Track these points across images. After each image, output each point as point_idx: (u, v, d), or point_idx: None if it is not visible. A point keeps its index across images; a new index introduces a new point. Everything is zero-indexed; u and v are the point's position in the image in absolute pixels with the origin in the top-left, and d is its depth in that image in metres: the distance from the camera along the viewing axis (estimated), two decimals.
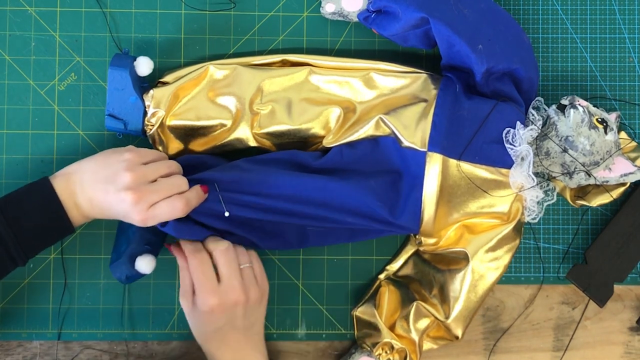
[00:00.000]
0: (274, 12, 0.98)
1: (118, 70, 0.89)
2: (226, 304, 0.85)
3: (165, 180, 0.85)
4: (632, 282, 0.98)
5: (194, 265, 0.86)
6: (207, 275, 0.85)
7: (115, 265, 0.88)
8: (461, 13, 0.89)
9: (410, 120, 0.89)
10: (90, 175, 0.84)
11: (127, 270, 0.88)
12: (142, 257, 0.88)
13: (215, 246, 0.87)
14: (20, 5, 0.96)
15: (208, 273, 0.86)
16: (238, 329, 0.87)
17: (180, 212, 0.85)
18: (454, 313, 0.91)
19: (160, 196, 0.84)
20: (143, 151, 0.87)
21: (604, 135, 0.90)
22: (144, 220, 0.83)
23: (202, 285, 0.85)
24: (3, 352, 0.95)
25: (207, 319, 0.86)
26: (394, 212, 0.89)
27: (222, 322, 0.86)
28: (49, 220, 0.83)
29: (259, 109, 0.91)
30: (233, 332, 0.87)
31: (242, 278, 0.86)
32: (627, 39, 1.00)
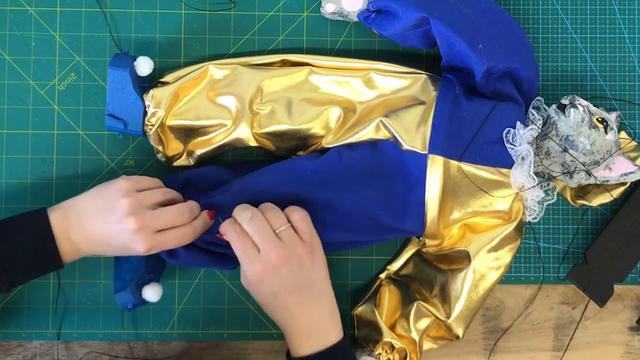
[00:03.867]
0: (274, 12, 0.98)
1: (118, 70, 0.89)
2: (269, 268, 0.83)
3: (170, 207, 0.85)
4: (632, 282, 0.98)
5: (232, 240, 0.84)
6: (245, 245, 0.84)
7: (122, 294, 0.89)
8: (461, 13, 0.89)
9: (411, 123, 0.89)
10: (86, 209, 0.84)
11: (134, 299, 0.89)
12: (150, 286, 0.90)
13: (241, 218, 0.85)
14: (20, 5, 0.96)
15: (246, 243, 0.84)
16: (293, 291, 0.84)
17: (188, 240, 0.85)
18: (455, 313, 0.91)
19: (163, 223, 0.84)
20: (136, 178, 0.86)
21: (604, 134, 0.90)
22: (150, 248, 0.83)
23: (242, 257, 0.84)
24: (3, 352, 0.95)
25: (261, 288, 0.84)
26: (398, 217, 0.90)
27: (275, 287, 0.84)
28: (40, 255, 0.82)
29: (259, 108, 0.91)
30: (290, 295, 0.84)
31: (282, 239, 0.84)
32: (627, 39, 1.00)
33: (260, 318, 0.97)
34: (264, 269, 0.83)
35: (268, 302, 0.85)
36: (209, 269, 0.94)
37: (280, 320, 0.86)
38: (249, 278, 0.84)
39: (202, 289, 0.96)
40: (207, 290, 0.96)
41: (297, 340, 0.85)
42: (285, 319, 0.85)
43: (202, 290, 0.96)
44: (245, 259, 0.83)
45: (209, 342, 0.97)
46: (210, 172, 0.92)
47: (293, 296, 0.84)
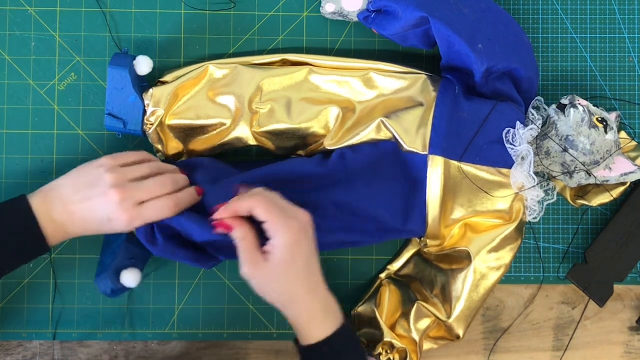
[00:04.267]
0: (274, 12, 0.98)
1: (118, 69, 0.89)
2: (303, 227, 0.81)
3: (152, 179, 0.84)
4: (632, 282, 0.98)
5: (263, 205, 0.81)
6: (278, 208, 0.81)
7: (101, 278, 0.88)
8: (461, 13, 0.89)
9: (411, 125, 0.89)
10: (69, 188, 0.83)
11: (112, 284, 0.88)
12: (128, 271, 0.88)
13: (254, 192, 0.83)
14: (20, 5, 0.96)
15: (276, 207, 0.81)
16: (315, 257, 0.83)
17: (170, 212, 0.84)
18: (455, 313, 0.91)
19: (147, 194, 0.83)
20: (119, 154, 0.86)
21: (604, 134, 0.90)
22: (131, 219, 0.83)
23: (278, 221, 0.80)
24: (3, 352, 0.95)
25: (296, 256, 0.81)
26: (400, 217, 0.90)
27: (308, 250, 0.82)
28: (24, 239, 0.82)
29: (258, 108, 0.91)
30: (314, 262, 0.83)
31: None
32: (627, 39, 1.00)
33: (260, 318, 0.97)
34: (301, 227, 0.81)
35: (296, 276, 0.82)
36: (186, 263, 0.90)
37: (303, 298, 0.83)
38: (285, 242, 0.80)
39: (202, 289, 0.96)
40: (207, 290, 0.96)
41: (315, 323, 0.83)
42: (308, 295, 0.83)
43: (202, 290, 0.96)
44: (281, 221, 0.80)
45: (209, 342, 0.97)
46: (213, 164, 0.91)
47: (316, 264, 0.83)
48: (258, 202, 0.81)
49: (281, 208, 0.82)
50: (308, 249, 0.82)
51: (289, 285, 0.82)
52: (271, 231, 0.81)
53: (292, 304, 0.83)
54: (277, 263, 0.81)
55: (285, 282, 0.82)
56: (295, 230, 0.81)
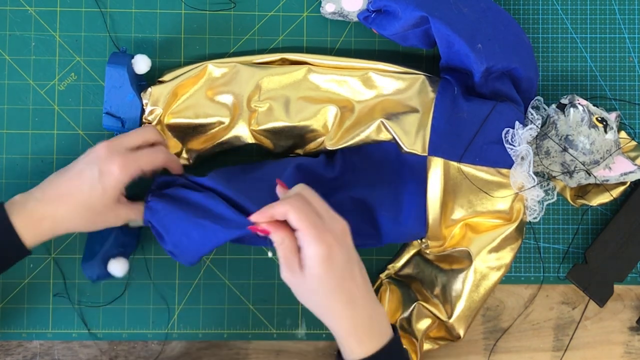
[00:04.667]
0: (274, 12, 0.98)
1: (116, 68, 0.90)
2: (338, 237, 0.78)
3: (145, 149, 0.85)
4: (632, 282, 0.98)
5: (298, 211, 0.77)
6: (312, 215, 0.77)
7: (88, 264, 0.89)
8: (461, 12, 0.89)
9: (411, 126, 0.90)
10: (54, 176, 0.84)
11: (99, 271, 0.88)
12: (116, 260, 0.89)
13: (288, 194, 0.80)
14: (20, 5, 0.96)
15: (312, 214, 0.78)
16: (356, 264, 0.80)
17: (163, 158, 0.85)
18: (456, 313, 0.91)
19: (134, 139, 0.84)
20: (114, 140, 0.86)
21: (603, 134, 0.90)
22: (123, 163, 0.82)
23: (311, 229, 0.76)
24: (3, 352, 0.95)
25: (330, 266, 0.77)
26: (401, 219, 0.90)
27: (344, 260, 0.78)
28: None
29: (257, 106, 0.91)
30: (355, 272, 0.79)
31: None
32: (627, 39, 1.00)
33: (260, 318, 0.97)
34: (334, 239, 0.77)
35: (331, 290, 0.78)
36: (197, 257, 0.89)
37: (340, 313, 0.79)
38: (316, 255, 0.76)
39: (202, 289, 0.96)
40: (207, 290, 0.96)
41: (355, 339, 0.79)
42: (345, 309, 0.79)
43: (202, 290, 0.96)
44: (313, 232, 0.76)
45: (209, 342, 0.97)
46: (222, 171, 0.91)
47: (357, 275, 0.79)
48: (292, 207, 0.77)
49: (315, 216, 0.78)
50: (343, 262, 0.78)
51: (323, 298, 0.78)
52: (303, 242, 0.77)
53: (328, 317, 0.80)
54: (310, 276, 0.77)
55: (319, 294, 0.78)
56: (328, 243, 0.77)
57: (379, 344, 0.79)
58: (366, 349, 0.79)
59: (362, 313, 0.79)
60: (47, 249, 0.95)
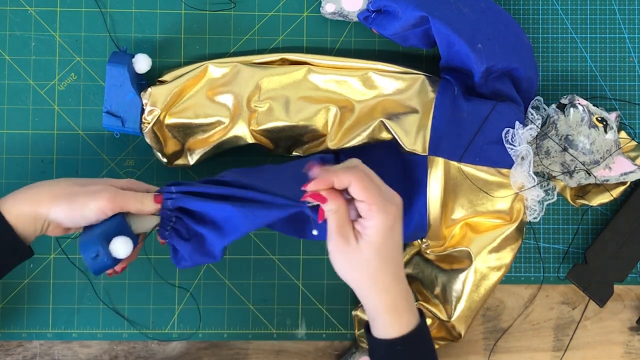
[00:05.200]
0: (274, 12, 0.98)
1: (116, 66, 0.90)
2: (399, 211, 0.78)
3: None
4: (632, 282, 0.98)
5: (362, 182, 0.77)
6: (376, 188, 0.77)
7: (87, 240, 0.80)
8: (461, 12, 0.89)
9: (411, 126, 0.90)
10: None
11: (99, 248, 0.79)
12: (120, 239, 0.80)
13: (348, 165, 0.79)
14: (20, 5, 0.96)
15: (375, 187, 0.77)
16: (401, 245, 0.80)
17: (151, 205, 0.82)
18: (456, 313, 0.91)
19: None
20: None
21: (603, 134, 0.91)
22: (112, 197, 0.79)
23: (376, 201, 0.76)
24: (3, 352, 0.95)
25: (387, 241, 0.77)
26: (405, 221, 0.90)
27: (398, 236, 0.79)
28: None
29: (257, 106, 0.91)
30: (400, 251, 0.79)
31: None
32: (627, 39, 1.00)
33: (260, 318, 0.97)
34: (397, 212, 0.78)
35: (384, 261, 0.78)
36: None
37: (386, 286, 0.79)
38: (380, 225, 0.76)
39: (202, 289, 0.96)
40: (207, 290, 0.96)
41: (394, 315, 0.79)
42: (391, 283, 0.79)
43: (202, 290, 0.96)
44: (379, 202, 0.76)
45: (209, 342, 0.97)
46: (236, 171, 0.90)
47: (401, 252, 0.79)
48: (356, 177, 0.77)
49: (379, 188, 0.78)
50: (399, 236, 0.79)
51: (375, 270, 0.78)
52: (366, 212, 0.77)
53: (376, 290, 0.79)
54: (368, 245, 0.77)
55: (372, 266, 0.78)
56: (392, 214, 0.77)
57: (414, 321, 0.80)
58: (405, 326, 0.79)
59: (403, 287, 0.80)
60: (47, 249, 0.95)
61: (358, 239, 0.78)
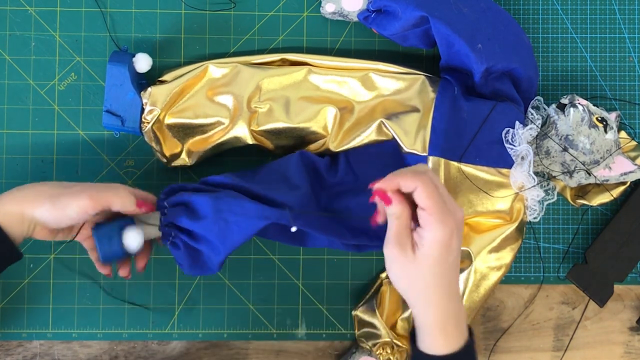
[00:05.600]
0: (274, 12, 0.98)
1: (117, 65, 0.90)
2: (459, 224, 0.76)
3: None
4: (632, 282, 0.98)
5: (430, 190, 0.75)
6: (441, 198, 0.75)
7: (104, 227, 0.83)
8: (461, 12, 0.89)
9: (411, 126, 0.90)
10: None
11: (114, 235, 0.83)
12: (133, 230, 0.83)
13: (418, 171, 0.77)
14: (20, 5, 0.96)
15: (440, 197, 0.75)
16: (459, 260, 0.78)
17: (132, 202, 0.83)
18: None
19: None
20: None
21: (603, 134, 0.91)
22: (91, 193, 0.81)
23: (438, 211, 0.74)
24: (3, 352, 0.95)
25: (444, 254, 0.75)
26: None
27: (457, 250, 0.76)
28: None
29: (257, 107, 0.91)
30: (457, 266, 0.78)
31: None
32: (627, 39, 1.00)
33: (260, 318, 0.97)
34: (456, 226, 0.75)
35: (438, 277, 0.76)
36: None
37: (438, 302, 0.77)
38: (437, 238, 0.75)
39: (202, 289, 0.96)
40: (207, 290, 0.96)
41: (443, 333, 0.77)
42: (443, 299, 0.77)
43: (202, 290, 0.96)
44: (440, 213, 0.74)
45: (209, 342, 0.97)
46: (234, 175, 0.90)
47: (457, 269, 0.78)
48: (423, 183, 0.75)
49: (443, 198, 0.75)
50: (457, 251, 0.77)
51: (427, 285, 0.76)
52: (426, 221, 0.75)
53: (425, 305, 0.77)
54: (424, 258, 0.75)
55: (425, 280, 0.76)
56: (451, 228, 0.75)
57: (461, 341, 0.78)
58: (451, 345, 0.77)
59: (455, 306, 0.78)
60: (47, 249, 0.95)
61: (415, 250, 0.76)
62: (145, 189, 0.93)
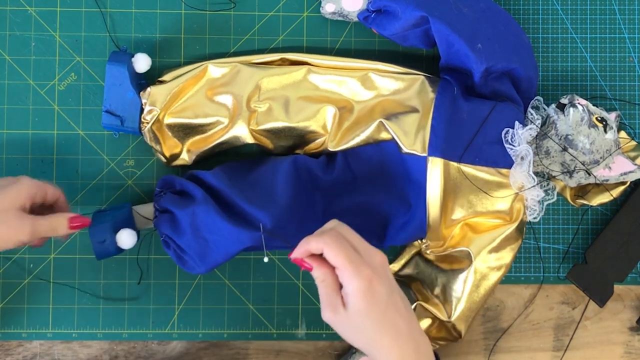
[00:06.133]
0: (274, 12, 0.98)
1: (116, 65, 0.90)
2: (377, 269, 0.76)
3: None
4: (632, 282, 0.98)
5: (335, 248, 0.75)
6: (349, 250, 0.75)
7: (98, 226, 0.87)
8: (460, 12, 0.89)
9: (410, 127, 0.90)
10: None
11: (107, 235, 0.87)
12: (126, 231, 0.87)
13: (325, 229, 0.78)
14: (20, 5, 0.96)
15: (348, 248, 0.76)
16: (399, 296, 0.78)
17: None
18: (456, 313, 0.91)
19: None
20: None
21: (603, 133, 0.91)
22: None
23: (348, 265, 0.75)
24: (3, 352, 0.95)
25: (372, 299, 0.75)
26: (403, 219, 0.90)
27: (386, 290, 0.76)
28: None
29: (256, 106, 0.91)
30: (398, 300, 0.77)
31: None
32: (627, 39, 1.00)
33: (260, 318, 0.97)
34: (373, 272, 0.75)
35: (376, 324, 0.76)
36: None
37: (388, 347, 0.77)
38: (357, 291, 0.75)
39: (202, 289, 0.96)
40: (207, 290, 0.96)
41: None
42: (392, 343, 0.77)
43: (202, 290, 0.96)
44: (351, 267, 0.75)
45: (209, 342, 0.97)
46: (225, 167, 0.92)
47: (400, 306, 0.77)
48: (327, 244, 0.76)
49: (352, 251, 0.76)
50: (385, 295, 0.76)
51: (369, 334, 0.76)
52: (342, 278, 0.76)
53: (376, 353, 0.77)
54: (354, 312, 0.75)
55: (366, 331, 0.76)
56: (367, 277, 0.75)
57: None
58: None
59: (408, 345, 0.77)
60: (47, 249, 0.95)
61: (346, 307, 0.76)
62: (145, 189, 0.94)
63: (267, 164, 0.91)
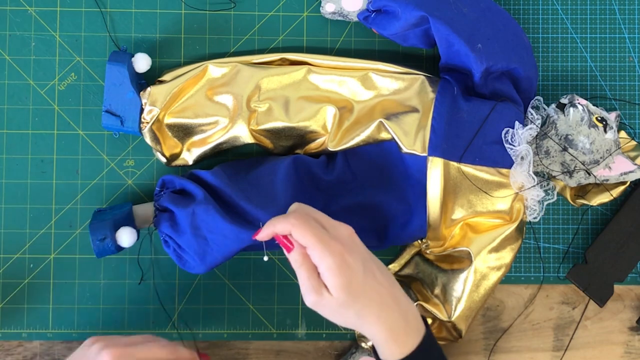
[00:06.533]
0: (274, 12, 0.98)
1: (116, 65, 0.90)
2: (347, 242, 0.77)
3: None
4: (632, 282, 0.98)
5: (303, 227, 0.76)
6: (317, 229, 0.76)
7: (98, 224, 0.88)
8: (460, 12, 0.89)
9: (410, 127, 0.90)
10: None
11: (107, 232, 0.87)
12: (126, 229, 0.88)
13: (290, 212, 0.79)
14: (20, 5, 0.96)
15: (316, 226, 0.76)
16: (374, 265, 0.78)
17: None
18: (456, 313, 0.91)
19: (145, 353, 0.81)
20: (119, 337, 0.83)
21: (603, 133, 0.91)
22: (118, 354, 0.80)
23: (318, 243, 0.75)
24: (3, 352, 0.95)
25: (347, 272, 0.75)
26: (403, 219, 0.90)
27: (360, 261, 0.76)
28: None
29: (256, 106, 0.91)
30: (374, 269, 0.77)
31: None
32: (627, 39, 1.00)
33: (260, 318, 0.97)
34: (342, 246, 0.76)
35: (358, 298, 0.76)
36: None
37: (375, 319, 0.77)
38: (331, 267, 0.75)
39: (202, 289, 0.96)
40: (207, 290, 0.96)
41: (393, 341, 0.78)
42: (379, 314, 0.77)
43: (202, 290, 0.96)
44: (320, 243, 0.75)
45: (209, 342, 0.97)
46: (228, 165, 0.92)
47: (377, 274, 0.77)
48: (294, 224, 0.76)
49: (319, 228, 0.76)
50: (360, 266, 0.76)
51: (358, 309, 0.76)
52: (313, 257, 0.76)
53: (365, 327, 0.78)
54: (334, 289, 0.75)
55: (352, 307, 0.76)
56: (337, 252, 0.75)
57: (416, 340, 0.78)
58: (407, 347, 0.78)
59: (395, 313, 0.78)
60: (47, 249, 0.95)
61: (328, 288, 0.76)
62: (145, 189, 0.94)
63: (267, 164, 0.91)
